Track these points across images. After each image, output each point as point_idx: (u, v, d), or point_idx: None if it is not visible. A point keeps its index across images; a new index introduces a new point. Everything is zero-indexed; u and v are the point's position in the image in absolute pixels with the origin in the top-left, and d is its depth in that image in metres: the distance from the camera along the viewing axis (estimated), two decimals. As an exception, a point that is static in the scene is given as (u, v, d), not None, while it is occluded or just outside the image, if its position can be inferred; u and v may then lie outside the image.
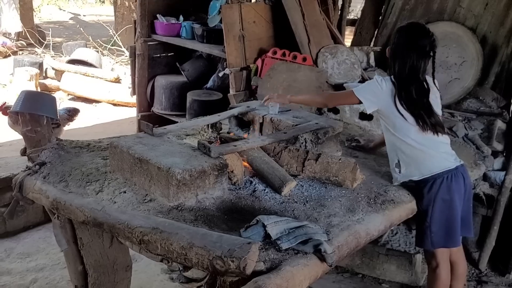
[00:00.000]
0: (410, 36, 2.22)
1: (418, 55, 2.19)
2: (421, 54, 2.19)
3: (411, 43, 2.20)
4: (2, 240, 3.38)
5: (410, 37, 2.21)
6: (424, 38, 2.20)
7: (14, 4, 10.15)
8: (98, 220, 1.84)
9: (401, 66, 2.21)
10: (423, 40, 2.19)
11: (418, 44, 2.19)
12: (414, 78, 2.21)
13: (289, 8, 3.60)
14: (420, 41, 2.19)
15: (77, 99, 7.14)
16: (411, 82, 2.20)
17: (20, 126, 2.32)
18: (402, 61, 2.21)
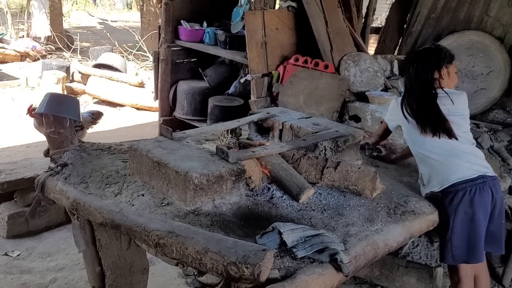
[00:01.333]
0: (417, 52, 2.46)
1: (422, 65, 2.29)
2: (426, 64, 2.29)
3: (416, 56, 2.38)
4: (24, 239, 3.45)
5: (417, 53, 2.45)
6: (429, 50, 2.36)
7: (44, 9, 10.45)
8: (115, 222, 1.85)
9: (407, 76, 2.36)
10: (428, 52, 2.34)
11: (423, 56, 2.33)
12: (418, 86, 2.29)
13: (312, 15, 3.59)
14: (425, 53, 2.35)
15: (102, 102, 7.28)
16: (415, 89, 2.30)
17: (44, 128, 2.36)
18: (407, 72, 2.36)
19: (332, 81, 3.39)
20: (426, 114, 2.24)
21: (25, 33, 11.56)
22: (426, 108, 2.25)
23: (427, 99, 2.25)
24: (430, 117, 2.23)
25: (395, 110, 2.39)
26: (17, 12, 13.41)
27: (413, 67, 2.30)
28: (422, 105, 2.26)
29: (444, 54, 2.28)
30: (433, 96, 2.24)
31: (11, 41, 10.35)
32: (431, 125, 2.22)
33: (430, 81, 2.26)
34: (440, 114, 2.22)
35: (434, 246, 3.24)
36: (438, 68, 2.27)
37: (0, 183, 3.41)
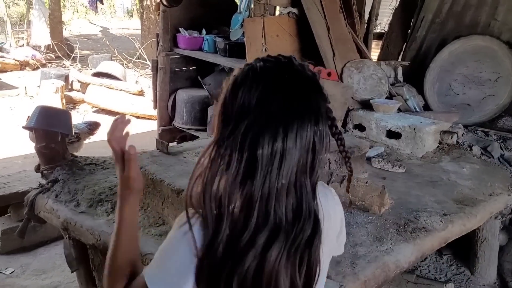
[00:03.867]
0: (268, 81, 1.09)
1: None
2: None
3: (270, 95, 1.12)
4: (18, 255, 3.34)
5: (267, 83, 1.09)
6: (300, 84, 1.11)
7: (44, 18, 10.40)
8: (108, 245, 1.74)
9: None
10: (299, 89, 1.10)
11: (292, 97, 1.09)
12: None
13: (314, 21, 3.48)
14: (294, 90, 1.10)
15: (101, 111, 7.19)
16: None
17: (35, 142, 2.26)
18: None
19: (335, 88, 3.28)
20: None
21: (25, 42, 11.51)
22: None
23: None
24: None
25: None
26: (17, 21, 13.38)
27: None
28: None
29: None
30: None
31: (11, 50, 10.30)
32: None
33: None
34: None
35: (444, 260, 3.12)
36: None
37: (-7, 198, 3.30)
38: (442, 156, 2.93)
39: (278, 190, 0.84)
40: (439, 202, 2.27)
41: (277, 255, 0.85)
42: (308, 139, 0.86)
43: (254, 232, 0.84)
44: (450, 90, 3.67)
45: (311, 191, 0.89)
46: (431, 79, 3.66)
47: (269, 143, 0.83)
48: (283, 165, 0.84)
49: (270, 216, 0.84)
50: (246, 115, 0.85)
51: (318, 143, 0.88)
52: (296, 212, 0.86)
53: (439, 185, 2.48)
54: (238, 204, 0.85)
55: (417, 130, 2.88)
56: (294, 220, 0.86)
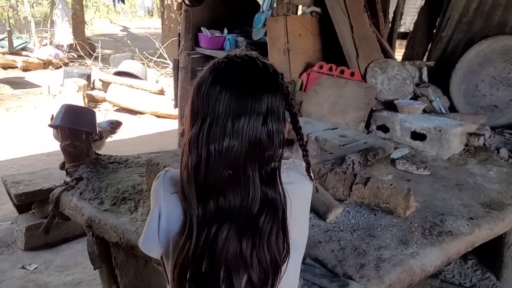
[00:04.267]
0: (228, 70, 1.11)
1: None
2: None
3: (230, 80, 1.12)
4: (42, 252, 3.39)
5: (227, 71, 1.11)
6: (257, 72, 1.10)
7: (67, 18, 10.57)
8: (131, 243, 1.75)
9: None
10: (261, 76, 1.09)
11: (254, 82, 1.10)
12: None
13: (337, 21, 3.44)
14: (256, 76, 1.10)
15: (122, 110, 7.27)
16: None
17: (60, 140, 2.28)
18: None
19: (358, 89, 3.23)
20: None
21: (48, 41, 11.74)
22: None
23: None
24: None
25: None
26: (41, 20, 13.64)
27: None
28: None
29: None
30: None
31: (35, 49, 10.51)
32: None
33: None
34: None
35: (469, 264, 3.05)
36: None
37: (18, 194, 3.36)
38: (469, 158, 2.86)
39: (227, 179, 0.97)
40: (465, 205, 2.21)
41: (226, 234, 0.98)
42: (254, 136, 0.96)
43: (209, 216, 0.98)
44: (477, 91, 3.58)
45: (262, 181, 0.99)
46: (457, 80, 3.58)
47: (219, 140, 0.95)
48: (230, 158, 0.95)
49: (220, 201, 0.97)
50: (206, 114, 0.96)
51: (265, 140, 0.97)
52: (243, 198, 0.98)
53: (465, 188, 2.42)
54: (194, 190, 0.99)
55: (443, 131, 2.82)
56: (241, 204, 0.98)
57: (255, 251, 1.00)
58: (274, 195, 1.00)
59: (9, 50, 9.85)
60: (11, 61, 9.81)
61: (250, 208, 0.98)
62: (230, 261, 0.99)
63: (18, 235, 3.43)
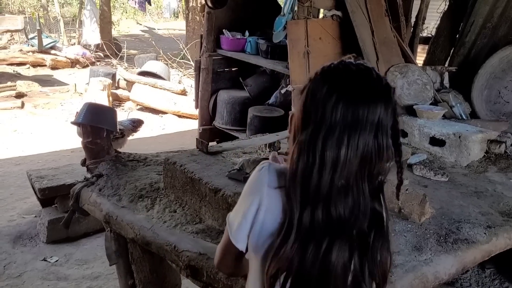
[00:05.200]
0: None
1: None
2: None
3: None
4: (63, 245, 3.49)
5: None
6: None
7: (95, 18, 10.80)
8: (146, 239, 1.79)
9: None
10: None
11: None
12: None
13: (358, 25, 3.44)
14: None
15: (145, 109, 7.39)
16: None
17: (82, 137, 2.35)
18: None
19: (377, 93, 3.22)
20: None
21: (76, 41, 12.02)
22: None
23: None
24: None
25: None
26: (70, 20, 13.98)
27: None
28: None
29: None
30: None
31: (63, 48, 10.78)
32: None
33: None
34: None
35: (486, 274, 2.99)
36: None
37: (42, 189, 3.46)
38: (489, 166, 2.81)
39: (339, 189, 0.96)
40: (483, 213, 2.18)
41: (338, 250, 0.97)
42: (367, 149, 0.96)
43: (318, 226, 0.96)
44: (499, 98, 3.51)
45: (370, 194, 0.99)
46: (480, 85, 3.52)
47: (336, 149, 0.94)
48: (345, 169, 0.95)
49: (331, 211, 0.96)
50: (322, 121, 0.95)
51: (376, 153, 0.97)
52: (352, 210, 0.97)
53: (484, 196, 2.39)
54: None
55: (463, 138, 2.78)
56: (350, 217, 0.97)
57: (366, 267, 1.00)
58: (380, 209, 1.01)
59: (39, 49, 10.14)
60: (40, 59, 10.09)
61: (360, 222, 0.98)
62: (343, 274, 0.98)
63: (41, 228, 3.54)
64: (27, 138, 5.95)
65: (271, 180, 1.03)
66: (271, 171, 1.04)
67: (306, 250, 0.96)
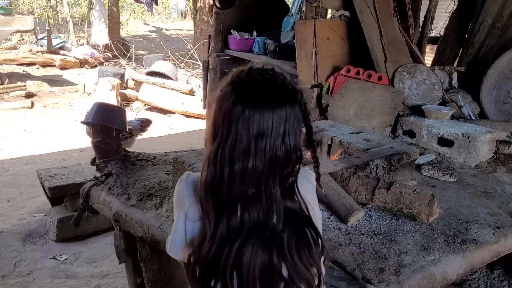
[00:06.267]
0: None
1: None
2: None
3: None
4: (72, 244, 3.52)
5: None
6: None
7: (103, 18, 10.87)
8: (155, 238, 1.81)
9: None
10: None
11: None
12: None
13: (366, 25, 3.43)
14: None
15: (153, 109, 7.43)
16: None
17: (91, 137, 2.38)
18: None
19: (385, 93, 3.21)
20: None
21: (85, 41, 12.11)
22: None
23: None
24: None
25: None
26: (79, 21, 14.09)
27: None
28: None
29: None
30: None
31: (72, 48, 10.86)
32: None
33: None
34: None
35: (495, 275, 2.97)
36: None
37: (51, 188, 3.50)
38: (498, 166, 2.80)
39: (250, 197, 0.98)
40: (492, 214, 2.17)
41: (252, 250, 0.98)
42: (275, 155, 0.97)
43: (232, 230, 0.98)
44: (508, 98, 3.49)
45: (282, 195, 1.00)
46: (489, 86, 3.50)
47: (243, 160, 0.96)
48: (254, 177, 0.97)
49: (244, 217, 0.98)
50: (228, 132, 0.97)
51: (284, 157, 0.99)
52: (266, 213, 0.99)
53: (493, 197, 2.38)
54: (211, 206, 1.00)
55: (471, 138, 2.77)
56: (264, 219, 0.98)
57: (287, 259, 1.00)
58: (292, 205, 1.03)
59: (48, 49, 10.23)
60: (49, 59, 10.19)
61: (275, 223, 0.99)
62: (262, 276, 0.99)
63: (51, 226, 3.58)
64: (36, 138, 6.01)
65: (190, 191, 1.06)
66: (189, 183, 1.07)
67: (221, 253, 0.98)
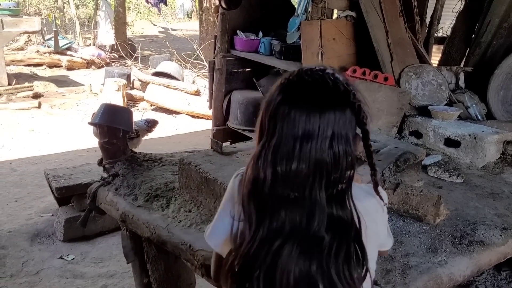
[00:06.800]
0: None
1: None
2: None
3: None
4: (79, 243, 3.54)
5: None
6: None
7: (110, 19, 10.92)
8: (162, 238, 1.82)
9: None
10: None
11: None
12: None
13: (372, 25, 3.43)
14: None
15: (159, 109, 7.46)
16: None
17: (98, 138, 2.39)
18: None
19: (391, 94, 3.20)
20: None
21: (92, 42, 12.17)
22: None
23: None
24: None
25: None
26: (85, 21, 14.16)
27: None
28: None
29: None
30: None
31: (79, 49, 10.92)
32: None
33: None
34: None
35: (502, 276, 2.96)
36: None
37: (59, 188, 3.52)
38: (505, 167, 2.79)
39: (292, 200, 0.95)
40: (499, 215, 2.16)
41: (289, 253, 0.95)
42: (321, 159, 0.94)
43: (271, 231, 0.96)
44: (516, 98, 3.48)
45: (327, 202, 0.96)
46: (496, 86, 3.48)
47: (286, 162, 0.94)
48: (297, 181, 0.94)
49: (285, 220, 0.95)
50: (273, 134, 0.95)
51: (332, 163, 0.94)
52: (308, 218, 0.95)
53: (500, 198, 2.37)
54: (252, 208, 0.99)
55: (478, 139, 2.76)
56: (306, 223, 0.95)
57: (324, 272, 0.96)
58: (342, 214, 0.97)
59: (55, 50, 10.29)
60: (56, 60, 10.24)
61: (316, 229, 0.95)
62: (298, 281, 0.95)
63: (58, 226, 3.60)
64: (44, 138, 6.05)
65: (240, 189, 1.04)
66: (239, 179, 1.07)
67: (259, 255, 0.96)
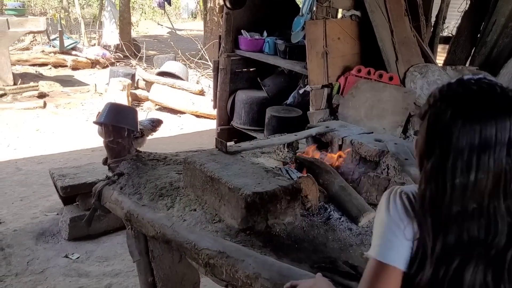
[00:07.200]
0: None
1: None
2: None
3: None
4: (84, 242, 3.55)
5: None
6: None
7: (115, 19, 10.95)
8: (167, 237, 1.82)
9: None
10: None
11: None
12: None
13: (377, 25, 3.42)
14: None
15: (164, 109, 7.47)
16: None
17: (103, 137, 2.40)
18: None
19: (396, 93, 3.20)
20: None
21: (96, 42, 12.21)
22: None
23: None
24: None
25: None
26: (90, 21, 14.21)
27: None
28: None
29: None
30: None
31: (84, 49, 10.96)
32: None
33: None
34: None
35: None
36: None
37: (64, 187, 3.54)
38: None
39: (471, 213, 0.94)
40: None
41: (473, 269, 0.95)
42: (499, 168, 0.92)
43: (448, 249, 0.96)
44: (522, 98, 3.45)
45: (507, 210, 0.95)
46: (501, 86, 3.46)
47: (465, 174, 0.93)
48: (476, 192, 0.94)
49: (463, 235, 0.95)
50: (448, 148, 0.94)
51: (510, 171, 0.93)
52: (488, 231, 0.94)
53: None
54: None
55: (484, 139, 2.74)
56: (485, 236, 0.94)
57: (503, 285, 0.96)
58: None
59: (60, 50, 10.33)
60: (61, 60, 10.29)
61: (497, 241, 0.94)
62: None
63: (63, 225, 3.61)
64: (49, 137, 6.07)
65: (407, 210, 1.01)
66: (404, 199, 1.03)
67: (437, 274, 0.96)
